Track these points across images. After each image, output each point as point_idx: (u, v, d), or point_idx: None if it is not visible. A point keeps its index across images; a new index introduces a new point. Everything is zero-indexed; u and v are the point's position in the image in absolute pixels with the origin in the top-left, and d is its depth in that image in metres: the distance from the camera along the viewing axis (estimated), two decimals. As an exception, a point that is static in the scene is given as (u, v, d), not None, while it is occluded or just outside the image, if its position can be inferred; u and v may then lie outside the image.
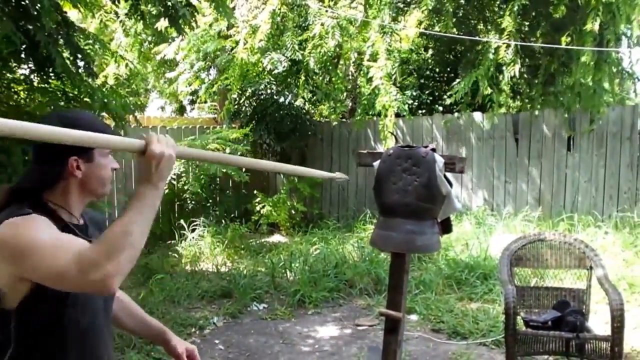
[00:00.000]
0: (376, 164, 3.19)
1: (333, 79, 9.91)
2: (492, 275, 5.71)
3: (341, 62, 10.80)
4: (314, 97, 9.12)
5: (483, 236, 7.05)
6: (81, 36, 4.70)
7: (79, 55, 4.46)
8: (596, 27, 6.21)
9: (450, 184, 3.09)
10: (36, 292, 1.32)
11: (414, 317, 5.08)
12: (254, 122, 8.78)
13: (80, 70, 4.47)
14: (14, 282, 1.31)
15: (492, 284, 5.54)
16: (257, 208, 8.52)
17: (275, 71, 8.18)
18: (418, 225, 3.05)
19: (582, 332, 3.28)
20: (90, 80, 4.76)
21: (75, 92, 4.61)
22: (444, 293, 5.61)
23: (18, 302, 1.33)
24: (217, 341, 4.74)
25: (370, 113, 8.23)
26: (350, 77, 10.44)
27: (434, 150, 3.09)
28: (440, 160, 3.02)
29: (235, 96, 8.53)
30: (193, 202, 7.99)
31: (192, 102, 12.94)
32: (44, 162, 1.44)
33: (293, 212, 8.70)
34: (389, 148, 3.25)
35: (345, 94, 10.73)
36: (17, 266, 1.28)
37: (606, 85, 7.08)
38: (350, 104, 10.30)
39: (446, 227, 3.30)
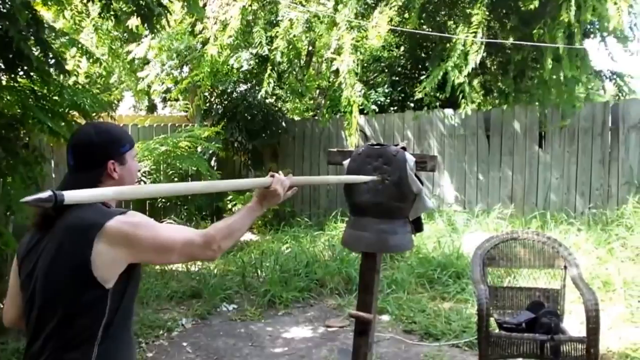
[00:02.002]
0: (346, 162, 3.11)
1: (305, 76, 9.85)
2: (464, 273, 5.66)
3: (314, 59, 10.74)
4: (285, 94, 8.99)
5: (455, 234, 7.01)
6: (52, 34, 4.59)
7: (50, 54, 4.35)
8: (572, 17, 6.18)
9: (422, 183, 3.02)
10: (128, 276, 1.59)
11: (385, 317, 5.00)
12: (225, 120, 8.63)
13: (50, 69, 4.36)
14: (117, 270, 1.55)
15: (465, 283, 5.49)
16: (229, 206, 8.39)
17: (243, 68, 8.02)
18: (390, 225, 2.98)
19: (557, 334, 3.22)
20: (61, 78, 4.66)
21: (44, 91, 4.54)
22: (416, 292, 5.54)
23: (114, 283, 1.55)
24: (185, 344, 4.60)
25: (342, 110, 8.14)
26: (323, 74, 10.32)
27: (404, 149, 3.01)
28: (411, 159, 2.95)
29: (206, 94, 8.37)
30: (164, 200, 7.80)
31: (165, 100, 12.72)
32: (86, 168, 1.65)
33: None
34: (359, 147, 3.16)
35: (317, 91, 10.66)
36: (131, 247, 1.54)
37: (583, 79, 7.07)
38: (323, 102, 10.20)
39: (418, 225, 3.22)
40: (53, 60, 4.44)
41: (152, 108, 13.49)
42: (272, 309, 5.34)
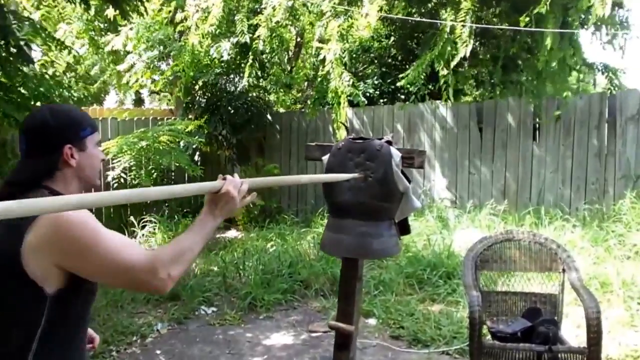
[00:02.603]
0: (325, 158, 2.83)
1: (294, 68, 9.54)
2: (455, 274, 5.40)
3: (302, 51, 10.43)
4: (270, 85, 8.67)
5: (446, 231, 6.75)
6: (19, 24, 4.29)
7: (11, 41, 4.05)
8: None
9: (409, 180, 2.74)
10: (73, 286, 1.42)
11: (372, 321, 4.73)
12: (208, 113, 8.32)
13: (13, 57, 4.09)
14: (49, 271, 1.38)
15: (456, 284, 5.22)
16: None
17: (224, 59, 7.70)
18: (373, 227, 2.71)
19: (555, 345, 2.96)
20: (25, 68, 4.38)
21: (5, 81, 4.24)
22: (405, 294, 5.27)
23: (55, 290, 1.39)
24: (158, 351, 4.32)
25: (330, 102, 7.85)
26: (309, 64, 10.02)
27: (389, 142, 2.73)
28: (396, 154, 2.66)
29: (186, 85, 8.04)
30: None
31: (152, 94, 12.39)
32: (39, 154, 1.49)
33: (250, 205, 8.27)
34: (339, 141, 2.88)
35: (306, 83, 10.35)
36: (68, 260, 1.38)
37: (577, 68, 6.81)
38: (311, 93, 9.90)
39: (404, 228, 2.95)
40: (15, 49, 4.18)
41: (139, 102, 13.17)
42: (253, 313, 5.05)
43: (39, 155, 1.49)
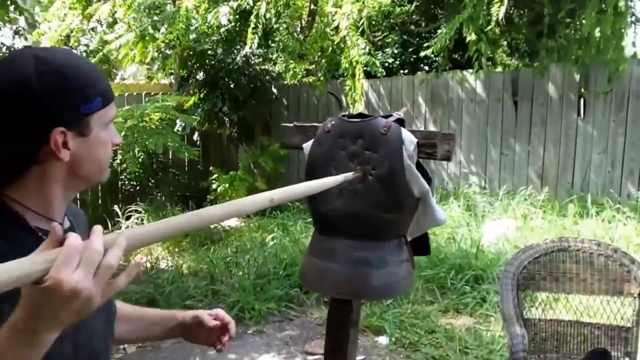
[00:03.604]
0: (307, 146, 1.93)
1: (307, 37, 8.63)
2: (485, 277, 4.47)
3: (317, 19, 9.48)
4: (275, 54, 7.72)
5: (474, 221, 5.80)
6: None
7: None
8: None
9: (429, 180, 1.81)
10: None
11: (382, 340, 3.84)
12: (206, 88, 7.43)
13: None
14: None
15: (486, 291, 4.31)
16: (214, 186, 7.23)
17: (223, 26, 6.76)
18: (374, 250, 1.89)
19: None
20: None
21: None
22: (424, 302, 4.37)
23: None
24: (120, 378, 3.51)
25: (344, 73, 6.90)
26: (322, 32, 9.04)
27: (401, 122, 1.80)
28: (410, 140, 1.75)
29: (181, 56, 7.14)
30: (133, 183, 6.66)
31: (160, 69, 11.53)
32: (12, 136, 0.93)
33: (254, 191, 7.41)
34: (328, 120, 1.97)
35: (320, 54, 9.42)
36: None
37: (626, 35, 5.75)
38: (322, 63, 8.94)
39: (420, 246, 2.05)
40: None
41: (152, 77, 12.33)
42: (240, 326, 4.18)
43: (11, 139, 0.94)
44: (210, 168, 7.33)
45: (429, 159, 1.81)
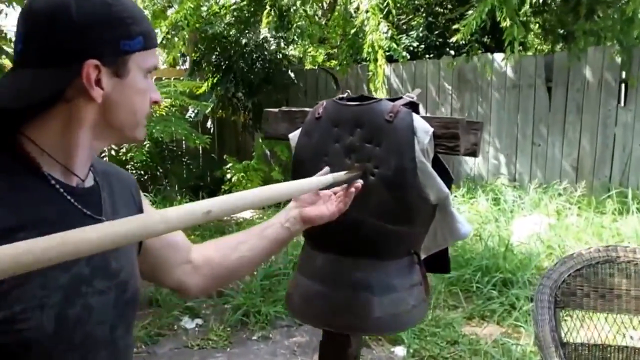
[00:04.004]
0: (294, 137, 1.55)
1: (329, 20, 8.24)
2: (514, 281, 4.05)
3: (339, 2, 9.08)
4: (293, 37, 7.33)
5: (503, 216, 5.37)
6: None
7: None
8: None
9: (450, 180, 1.43)
10: None
11: (399, 351, 3.46)
12: (219, 72, 7.08)
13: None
14: None
15: (515, 296, 3.89)
16: (228, 176, 6.90)
17: (234, 5, 6.40)
18: (377, 271, 1.51)
19: None
20: None
21: None
22: (446, 307, 3.98)
23: None
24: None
25: (365, 58, 6.51)
26: (342, 14, 8.61)
27: (412, 106, 1.40)
28: (424, 130, 1.35)
29: (190, 36, 6.81)
30: (140, 173, 6.35)
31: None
32: (43, 62, 0.85)
33: (269, 181, 7.05)
34: (319, 103, 1.58)
35: (342, 37, 9.02)
36: None
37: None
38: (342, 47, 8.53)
39: (437, 262, 1.67)
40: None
41: (174, 63, 12.05)
42: (244, 330, 3.86)
43: (42, 64, 0.84)
44: (225, 157, 7.00)
45: (449, 154, 1.41)
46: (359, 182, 1.31)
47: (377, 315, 1.39)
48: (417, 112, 1.41)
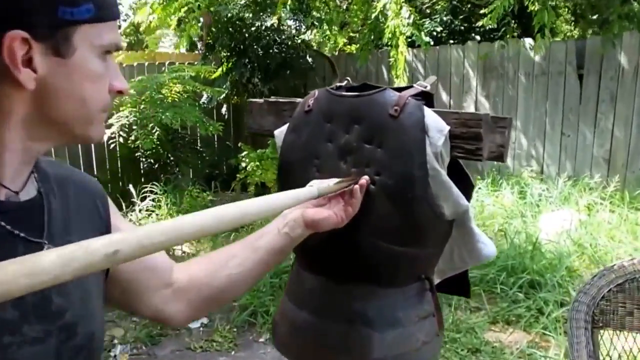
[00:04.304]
0: (280, 134, 1.29)
1: (350, 5, 7.95)
2: (542, 283, 3.76)
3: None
4: (310, 22, 7.05)
5: (530, 213, 5.06)
6: None
7: None
8: None
9: (469, 189, 1.14)
10: None
11: None
12: (234, 57, 6.83)
13: None
14: None
15: (543, 300, 3.60)
16: (243, 164, 6.67)
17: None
18: (378, 300, 1.27)
19: None
20: None
21: None
22: (468, 309, 3.71)
23: None
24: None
25: (387, 44, 6.22)
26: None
27: (425, 97, 1.09)
28: (438, 128, 1.07)
29: (203, 20, 6.57)
30: (150, 161, 6.14)
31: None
32: None
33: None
34: (311, 93, 1.32)
35: (363, 21, 8.73)
36: None
37: None
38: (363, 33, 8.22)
39: (455, 285, 1.40)
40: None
41: (193, 47, 11.85)
42: (250, 332, 3.65)
43: None
44: (239, 144, 6.76)
45: (469, 158, 1.14)
46: (364, 179, 1.09)
47: (377, 355, 1.14)
48: (431, 106, 1.14)
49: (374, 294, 1.18)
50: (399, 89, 1.15)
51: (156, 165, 6.14)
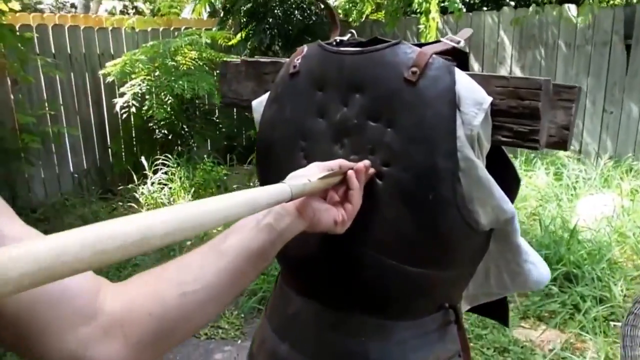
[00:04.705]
0: (259, 104, 0.93)
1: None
2: (579, 276, 3.40)
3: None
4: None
5: (566, 194, 4.67)
6: None
7: None
8: None
9: (514, 186, 0.74)
10: None
11: None
12: (253, 22, 6.48)
13: None
14: None
15: (579, 295, 3.25)
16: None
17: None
18: (385, 338, 0.92)
19: None
20: None
21: None
22: (497, 303, 3.36)
23: None
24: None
25: (416, 11, 5.80)
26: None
27: (457, 58, 0.75)
28: (475, 99, 0.70)
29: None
30: (163, 132, 5.87)
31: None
32: None
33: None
34: (298, 50, 0.96)
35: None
36: None
37: None
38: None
39: (491, 307, 1.04)
40: None
41: (214, 14, 11.47)
42: (258, 319, 3.38)
43: None
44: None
45: (518, 145, 0.81)
46: (365, 163, 0.80)
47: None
48: (465, 69, 0.81)
49: (378, 329, 0.86)
50: (420, 45, 0.82)
51: (171, 137, 5.86)
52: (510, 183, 0.90)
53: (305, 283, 0.94)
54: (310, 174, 0.78)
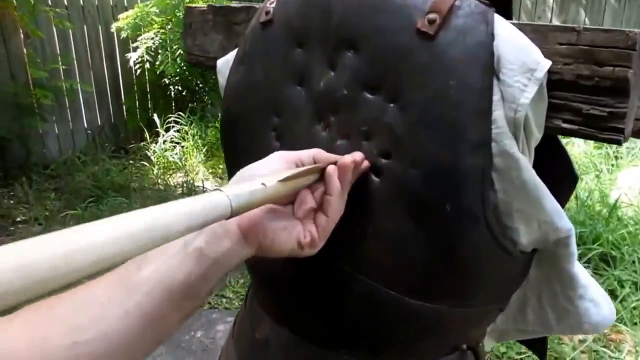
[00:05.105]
0: (224, 64, 0.64)
1: None
2: (618, 258, 3.11)
3: None
4: None
5: (605, 167, 4.33)
6: None
7: None
8: None
9: (571, 182, 0.66)
10: None
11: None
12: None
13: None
14: None
15: (617, 279, 2.96)
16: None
17: None
18: None
19: None
20: None
21: None
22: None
23: None
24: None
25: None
26: None
27: (494, 3, 0.44)
28: (522, 60, 0.44)
29: None
30: (177, 89, 5.61)
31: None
32: None
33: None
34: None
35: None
36: None
37: None
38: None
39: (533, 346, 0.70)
40: None
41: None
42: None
43: None
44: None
45: (591, 136, 0.52)
46: (355, 157, 0.56)
47: None
48: (508, 17, 0.53)
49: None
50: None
51: (185, 93, 5.61)
52: (560, 181, 0.63)
53: (277, 308, 0.69)
54: (268, 172, 0.52)
